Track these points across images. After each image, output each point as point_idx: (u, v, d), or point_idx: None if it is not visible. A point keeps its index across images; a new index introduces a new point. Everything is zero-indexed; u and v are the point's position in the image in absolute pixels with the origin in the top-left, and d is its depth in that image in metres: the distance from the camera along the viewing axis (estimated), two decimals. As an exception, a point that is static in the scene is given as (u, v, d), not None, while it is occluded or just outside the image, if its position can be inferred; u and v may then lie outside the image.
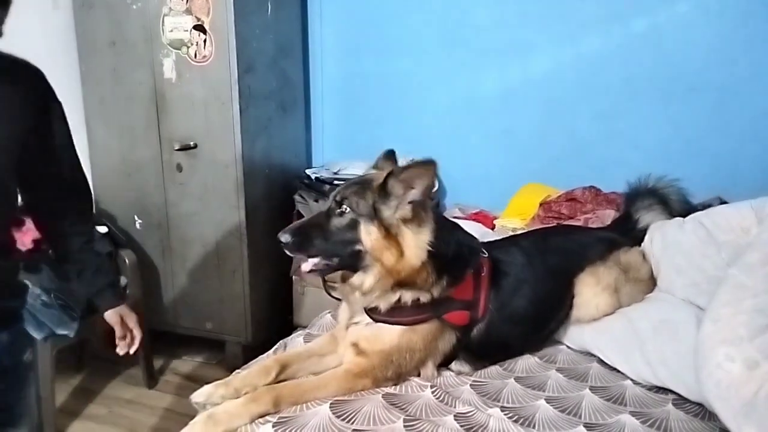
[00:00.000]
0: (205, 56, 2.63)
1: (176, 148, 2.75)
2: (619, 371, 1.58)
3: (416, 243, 1.42)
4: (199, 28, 2.60)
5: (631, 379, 1.54)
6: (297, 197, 2.96)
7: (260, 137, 2.84)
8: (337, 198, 1.45)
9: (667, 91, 2.59)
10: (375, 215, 1.41)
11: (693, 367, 1.36)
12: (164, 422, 2.71)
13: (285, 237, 1.42)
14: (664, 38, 2.54)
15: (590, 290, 1.69)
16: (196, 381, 2.87)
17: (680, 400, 1.44)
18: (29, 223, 2.48)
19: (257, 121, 2.81)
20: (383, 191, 1.43)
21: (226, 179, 2.76)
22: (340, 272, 1.52)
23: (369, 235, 1.42)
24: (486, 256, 1.62)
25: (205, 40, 2.61)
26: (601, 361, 1.63)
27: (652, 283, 1.81)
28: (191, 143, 2.75)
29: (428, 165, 1.40)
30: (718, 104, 2.51)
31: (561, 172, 2.76)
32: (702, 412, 1.38)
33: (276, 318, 3.08)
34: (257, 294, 2.92)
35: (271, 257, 2.95)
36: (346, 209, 1.44)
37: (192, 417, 1.34)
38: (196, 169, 2.79)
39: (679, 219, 1.88)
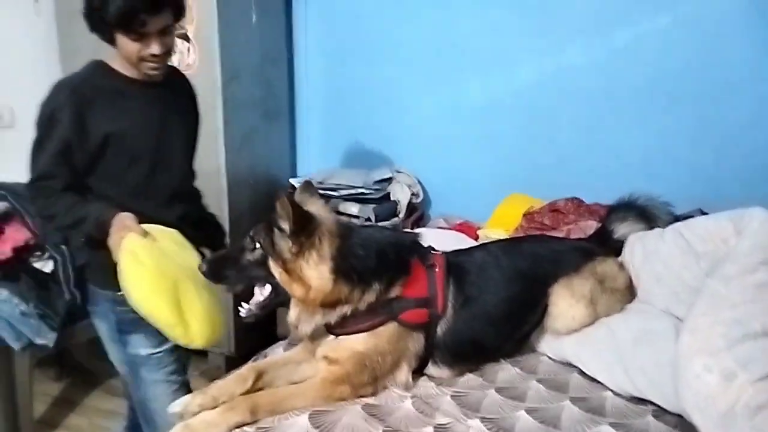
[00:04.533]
0: (189, 65, 2.62)
1: (159, 156, 2.73)
2: (599, 382, 1.58)
3: (317, 274, 1.42)
4: (183, 36, 2.59)
5: (612, 390, 1.54)
6: (281, 207, 2.95)
7: (244, 147, 2.83)
8: (251, 233, 1.50)
9: (648, 102, 2.61)
10: (274, 251, 1.44)
11: (672, 378, 1.36)
12: (145, 434, 2.67)
13: (202, 266, 1.53)
14: (644, 50, 2.57)
15: (565, 302, 1.69)
16: (178, 392, 2.84)
17: (660, 411, 1.44)
18: (9, 232, 2.45)
19: (241, 130, 2.80)
20: (278, 227, 1.44)
21: (210, 189, 2.71)
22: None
23: (275, 270, 1.45)
24: (438, 253, 1.63)
25: (189, 49, 2.60)
26: (582, 372, 1.63)
27: (629, 293, 1.82)
28: (175, 152, 2.73)
29: (280, 198, 1.41)
30: (698, 116, 2.54)
31: (544, 183, 2.77)
32: (681, 423, 1.38)
33: (260, 329, 3.04)
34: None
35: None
36: (257, 245, 1.48)
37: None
38: (179, 177, 2.77)
39: (658, 230, 1.89)
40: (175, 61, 2.61)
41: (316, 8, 3.14)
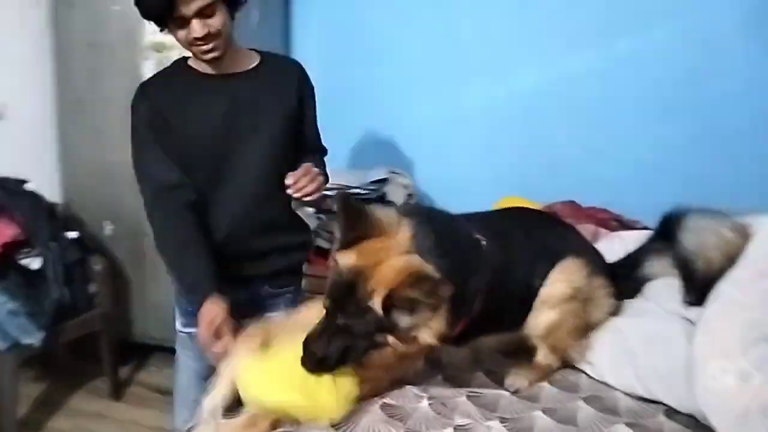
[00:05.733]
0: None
1: (154, 153, 2.68)
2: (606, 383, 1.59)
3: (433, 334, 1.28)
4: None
5: (621, 390, 1.55)
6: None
7: (240, 145, 2.80)
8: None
9: (644, 111, 2.67)
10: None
11: (685, 381, 1.38)
12: (132, 436, 2.62)
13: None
14: (643, 60, 2.63)
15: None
16: (163, 392, 2.78)
17: (671, 411, 1.45)
18: (-2, 227, 2.38)
19: (238, 128, 2.77)
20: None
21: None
22: None
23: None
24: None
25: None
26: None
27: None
28: (169, 149, 2.69)
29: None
30: (694, 126, 2.60)
31: (541, 187, 2.80)
32: (693, 422, 1.40)
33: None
34: (232, 304, 2.85)
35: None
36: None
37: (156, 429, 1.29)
38: (173, 175, 2.72)
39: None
40: (173, 57, 2.57)
41: (316, 10, 3.14)
